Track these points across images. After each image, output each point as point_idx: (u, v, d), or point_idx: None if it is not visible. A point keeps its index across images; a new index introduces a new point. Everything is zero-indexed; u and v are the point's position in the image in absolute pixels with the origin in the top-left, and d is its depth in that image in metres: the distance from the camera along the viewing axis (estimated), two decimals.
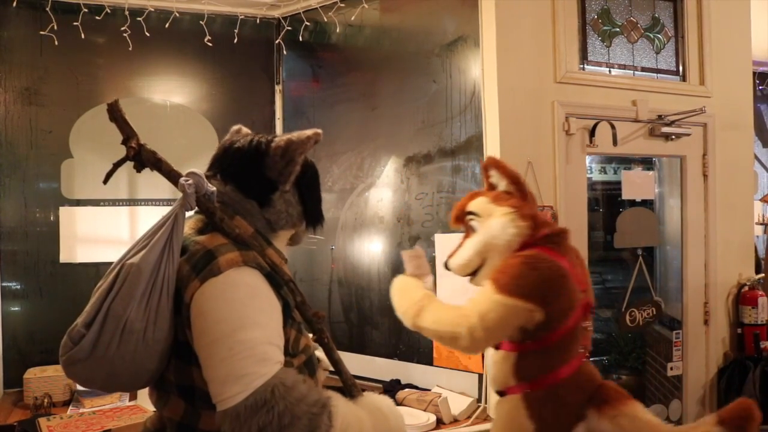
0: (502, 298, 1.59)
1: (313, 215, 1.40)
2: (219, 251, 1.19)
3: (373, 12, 2.96)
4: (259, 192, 1.30)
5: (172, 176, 1.24)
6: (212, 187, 1.27)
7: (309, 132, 1.34)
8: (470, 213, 1.82)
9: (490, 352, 1.82)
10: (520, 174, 1.84)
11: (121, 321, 1.14)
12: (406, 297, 1.81)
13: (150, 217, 2.99)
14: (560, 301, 1.63)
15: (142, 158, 1.22)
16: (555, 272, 1.63)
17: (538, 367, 1.68)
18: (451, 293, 2.62)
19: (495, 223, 1.73)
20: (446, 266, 1.88)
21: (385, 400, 1.34)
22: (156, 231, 1.20)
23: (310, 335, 1.37)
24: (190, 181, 1.21)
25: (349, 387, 1.34)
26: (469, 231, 1.84)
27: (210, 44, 3.00)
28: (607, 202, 3.31)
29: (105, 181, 1.24)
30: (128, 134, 1.21)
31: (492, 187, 1.87)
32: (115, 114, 1.20)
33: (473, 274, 1.82)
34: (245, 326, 1.11)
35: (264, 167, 1.30)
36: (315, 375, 1.33)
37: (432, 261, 2.73)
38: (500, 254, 1.73)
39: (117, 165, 1.23)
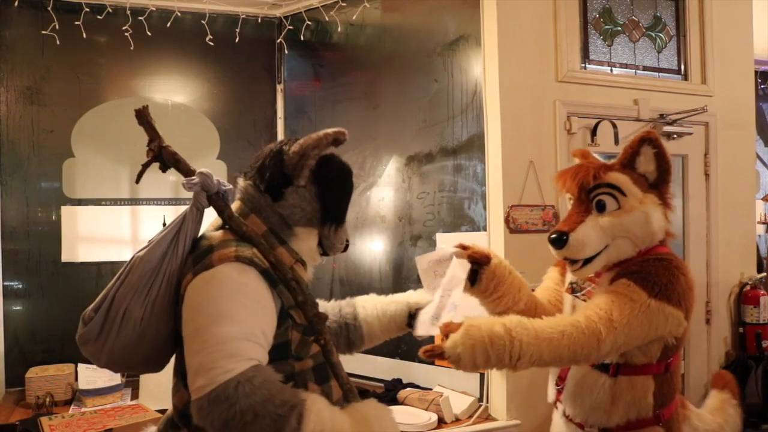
0: (657, 304, 1.41)
1: (329, 213, 1.35)
2: (218, 247, 1.22)
3: (375, 11, 2.96)
4: (273, 186, 1.31)
5: (189, 175, 1.28)
6: (226, 186, 1.31)
7: (329, 131, 1.33)
8: (610, 186, 1.53)
9: (592, 380, 1.54)
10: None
11: (121, 308, 1.22)
12: (488, 334, 1.32)
13: (151, 216, 3.00)
14: (692, 311, 1.50)
15: (163, 159, 1.26)
16: (692, 279, 1.50)
17: (673, 388, 1.52)
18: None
19: (652, 212, 1.52)
20: (557, 241, 1.53)
21: (377, 410, 1.24)
22: (168, 227, 1.27)
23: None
24: (195, 180, 1.25)
25: (345, 392, 1.31)
26: (585, 205, 1.56)
27: (211, 43, 3.00)
28: None
29: (137, 181, 1.32)
30: (151, 137, 1.26)
31: (627, 164, 1.57)
32: (143, 119, 1.26)
33: (587, 260, 1.54)
34: (222, 320, 1.12)
35: (282, 164, 1.31)
36: (327, 383, 1.29)
37: None
38: (632, 247, 1.53)
39: (145, 166, 1.29)
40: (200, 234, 1.32)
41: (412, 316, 1.61)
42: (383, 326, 1.62)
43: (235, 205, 1.34)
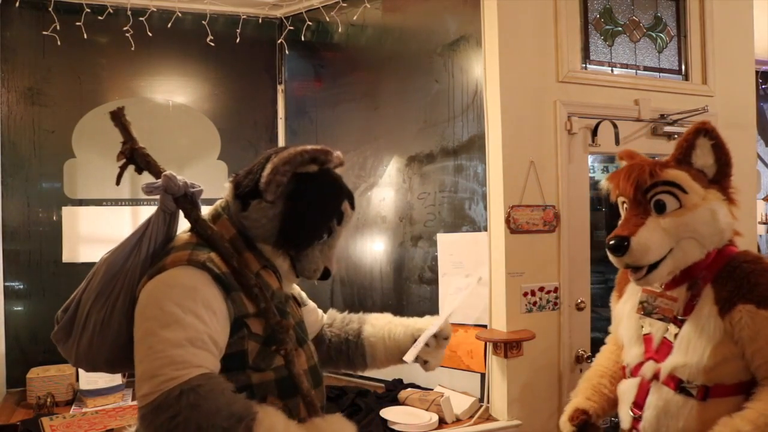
0: None
1: (287, 235, 1.26)
2: (176, 249, 1.20)
3: (376, 11, 2.96)
4: (244, 194, 1.26)
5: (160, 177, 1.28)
6: (194, 188, 1.27)
7: (308, 147, 1.26)
8: (669, 184, 1.43)
9: (677, 406, 1.44)
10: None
11: (85, 311, 1.23)
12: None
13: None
14: None
15: (136, 161, 1.25)
16: None
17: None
18: (455, 292, 2.62)
19: (718, 209, 1.42)
20: (617, 247, 1.43)
21: (338, 427, 1.18)
22: (134, 230, 1.27)
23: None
24: (156, 184, 1.23)
25: (307, 406, 1.24)
26: (643, 207, 1.46)
27: (212, 44, 3.00)
28: (609, 202, 3.31)
29: (117, 183, 1.28)
30: (125, 139, 1.25)
31: (682, 160, 1.49)
32: (118, 121, 1.24)
33: (651, 267, 1.43)
34: (168, 326, 1.07)
35: (263, 174, 1.25)
36: (293, 398, 1.23)
37: (434, 260, 2.73)
38: (699, 249, 1.43)
39: (121, 169, 1.27)
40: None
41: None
42: (387, 350, 1.55)
43: (216, 204, 1.34)
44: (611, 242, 1.45)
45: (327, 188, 1.30)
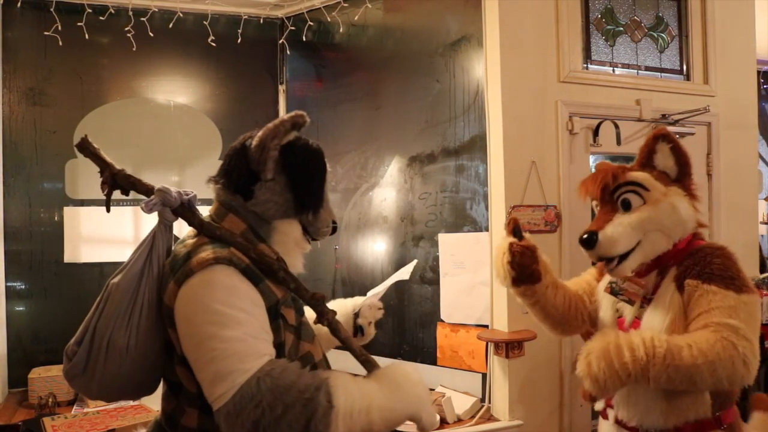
0: (750, 297, 1.42)
1: (303, 201, 1.31)
2: (195, 252, 1.19)
3: (377, 12, 2.96)
4: (241, 185, 1.28)
5: (149, 194, 1.28)
6: (188, 195, 1.29)
7: (285, 117, 1.29)
8: (632, 184, 1.55)
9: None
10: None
11: (104, 339, 1.20)
12: (622, 343, 1.36)
13: (153, 216, 3.00)
14: None
15: (119, 186, 1.26)
16: None
17: (731, 389, 1.48)
18: (456, 293, 2.62)
19: (678, 202, 1.53)
20: (587, 242, 1.54)
21: (401, 369, 1.26)
22: (139, 248, 1.25)
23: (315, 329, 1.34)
24: (154, 201, 1.24)
25: (363, 362, 1.30)
26: (611, 206, 1.58)
27: (213, 44, 3.01)
28: None
29: (107, 211, 1.29)
30: (101, 167, 1.26)
31: (645, 163, 1.62)
32: (87, 151, 1.26)
33: (622, 258, 1.54)
34: (225, 325, 1.10)
35: (248, 161, 1.28)
36: None
37: (436, 260, 2.73)
38: (666, 240, 1.54)
39: (107, 197, 1.28)
40: (179, 240, 1.31)
41: (356, 315, 1.62)
42: (326, 336, 1.48)
43: (213, 207, 1.33)
44: (582, 237, 1.56)
45: (309, 149, 1.35)
